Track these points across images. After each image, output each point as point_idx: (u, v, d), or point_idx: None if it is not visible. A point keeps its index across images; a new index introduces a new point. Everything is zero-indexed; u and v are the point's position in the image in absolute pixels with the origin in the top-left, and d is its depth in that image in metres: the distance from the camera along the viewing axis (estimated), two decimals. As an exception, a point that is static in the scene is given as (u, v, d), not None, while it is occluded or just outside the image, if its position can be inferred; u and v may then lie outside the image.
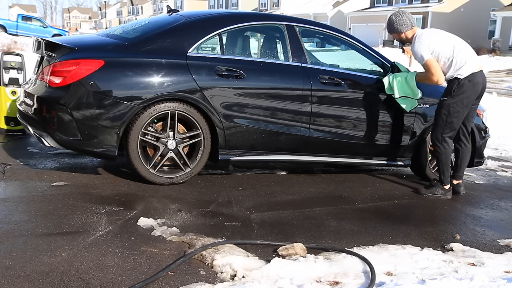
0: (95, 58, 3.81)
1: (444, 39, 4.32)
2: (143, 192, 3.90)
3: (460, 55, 4.24)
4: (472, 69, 4.25)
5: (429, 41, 4.27)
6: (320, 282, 2.68)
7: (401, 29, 4.42)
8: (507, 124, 8.24)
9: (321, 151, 4.63)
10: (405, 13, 4.48)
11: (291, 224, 3.51)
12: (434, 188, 4.53)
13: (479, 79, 4.30)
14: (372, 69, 4.87)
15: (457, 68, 4.24)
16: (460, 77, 4.23)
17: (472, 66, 4.25)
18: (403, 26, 4.41)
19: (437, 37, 4.32)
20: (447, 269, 2.96)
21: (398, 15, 4.46)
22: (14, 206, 3.43)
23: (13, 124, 5.57)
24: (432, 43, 4.26)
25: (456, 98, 4.27)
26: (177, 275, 2.62)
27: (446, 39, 4.32)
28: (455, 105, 4.28)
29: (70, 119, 3.79)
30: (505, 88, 17.12)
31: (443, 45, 4.26)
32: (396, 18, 4.45)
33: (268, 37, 4.92)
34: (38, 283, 2.42)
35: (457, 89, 4.25)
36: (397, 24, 4.43)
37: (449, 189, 4.52)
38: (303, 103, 4.40)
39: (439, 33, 4.39)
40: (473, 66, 4.27)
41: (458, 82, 4.24)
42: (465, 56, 4.25)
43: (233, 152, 4.27)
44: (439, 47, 4.25)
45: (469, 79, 4.24)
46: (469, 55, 4.28)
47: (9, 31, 27.64)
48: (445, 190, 4.50)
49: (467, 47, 4.34)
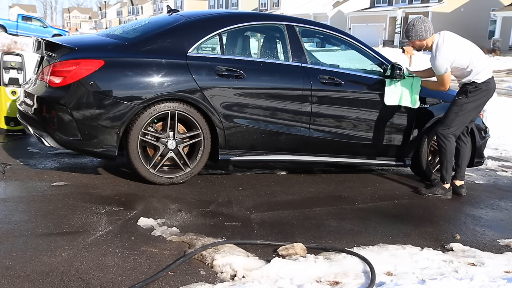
0: (95, 58, 3.81)
1: (463, 48, 4.33)
2: (143, 192, 3.90)
3: (479, 63, 4.32)
4: (487, 75, 4.37)
5: (450, 52, 4.27)
6: (320, 282, 2.68)
7: (425, 36, 4.36)
8: (507, 124, 8.23)
9: (321, 151, 4.63)
10: (427, 19, 4.46)
11: (291, 224, 3.51)
12: (434, 188, 4.54)
13: (492, 85, 4.44)
14: (372, 69, 4.87)
15: (475, 73, 4.32)
16: (477, 81, 4.33)
17: (488, 73, 4.38)
18: (426, 32, 4.36)
19: (457, 47, 4.31)
20: (447, 269, 2.96)
21: (424, 22, 4.39)
22: (14, 206, 3.43)
23: (13, 124, 5.57)
24: (452, 54, 4.27)
25: (471, 99, 4.37)
26: (177, 275, 2.62)
27: (465, 48, 4.34)
28: (468, 106, 4.38)
29: (70, 119, 3.79)
30: (505, 88, 17.12)
31: (463, 55, 4.29)
32: (421, 24, 4.37)
33: (268, 37, 4.92)
34: (38, 283, 2.42)
35: (474, 91, 4.35)
36: (421, 30, 4.35)
37: (449, 189, 4.52)
38: (303, 103, 4.40)
39: (458, 42, 4.35)
40: (489, 73, 4.39)
41: (475, 85, 4.34)
42: (483, 63, 4.34)
43: (233, 152, 4.27)
44: (459, 57, 4.29)
45: (485, 84, 4.35)
46: (485, 62, 4.39)
47: (9, 31, 27.65)
48: (446, 190, 4.50)
49: (482, 54, 4.43)
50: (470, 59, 4.30)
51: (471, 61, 4.30)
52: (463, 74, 4.37)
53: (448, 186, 4.52)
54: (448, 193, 4.50)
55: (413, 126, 4.81)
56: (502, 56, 30.33)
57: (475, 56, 4.32)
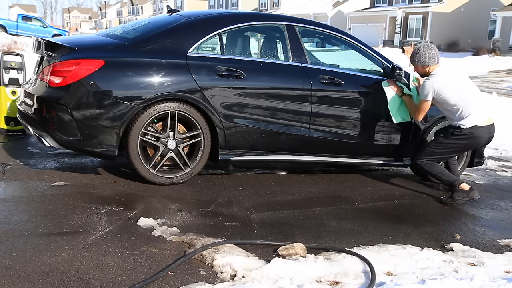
0: (95, 58, 3.81)
1: (456, 87, 4.19)
2: (143, 192, 3.90)
3: (466, 108, 4.17)
4: (476, 121, 4.20)
5: (439, 85, 4.17)
6: (320, 282, 2.68)
7: (428, 63, 4.29)
8: (507, 124, 8.22)
9: (321, 151, 4.63)
10: (434, 47, 4.37)
11: (291, 224, 3.51)
12: (454, 195, 4.31)
13: (482, 133, 4.24)
14: (372, 69, 4.87)
15: (461, 118, 4.20)
16: (462, 126, 4.22)
17: (476, 119, 4.20)
18: (431, 60, 4.28)
19: (450, 81, 4.20)
20: (447, 269, 2.96)
21: (429, 49, 4.31)
22: (14, 206, 3.43)
23: (13, 124, 5.57)
24: (441, 88, 4.17)
25: (452, 141, 4.28)
26: (177, 275, 2.62)
27: (457, 88, 4.19)
28: (447, 145, 4.32)
29: (70, 119, 3.79)
30: (505, 88, 17.11)
31: (450, 91, 4.17)
32: (426, 50, 4.29)
33: (268, 37, 4.92)
34: (38, 283, 2.42)
35: (457, 134, 4.24)
36: (426, 57, 4.27)
37: (470, 189, 4.31)
38: (303, 103, 4.40)
39: (454, 80, 4.24)
40: (478, 119, 4.20)
41: (460, 130, 4.23)
42: (470, 109, 4.17)
43: (233, 152, 4.27)
44: (445, 92, 4.17)
45: (471, 131, 4.20)
46: (475, 108, 4.19)
47: (9, 31, 27.64)
48: (466, 192, 4.29)
49: (475, 98, 4.25)
50: (457, 100, 4.17)
51: (457, 102, 4.17)
52: (449, 114, 4.28)
53: (466, 186, 4.33)
54: (472, 193, 4.28)
55: (412, 126, 4.81)
56: (502, 56, 30.32)
57: (464, 100, 4.17)
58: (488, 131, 4.28)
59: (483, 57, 30.19)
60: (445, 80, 4.20)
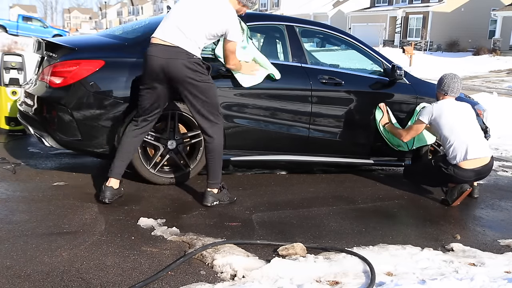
0: (96, 59, 3.81)
1: (453, 120, 4.21)
2: (143, 192, 3.90)
3: (456, 142, 4.16)
4: (461, 162, 4.15)
5: (439, 111, 4.22)
6: (320, 282, 2.68)
7: (449, 93, 4.32)
8: (508, 124, 8.23)
9: (321, 151, 4.64)
10: (450, 76, 4.37)
11: (291, 224, 3.51)
12: (448, 196, 4.30)
13: (467, 175, 4.18)
14: (372, 69, 4.88)
15: (450, 153, 4.19)
16: (451, 161, 4.20)
17: (462, 160, 4.14)
18: (453, 92, 4.32)
19: (449, 112, 4.23)
20: (447, 269, 2.96)
21: (457, 80, 4.33)
22: (14, 206, 3.43)
23: (13, 124, 5.58)
24: (439, 111, 4.22)
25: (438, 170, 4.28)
26: (177, 275, 2.63)
27: (454, 121, 4.20)
28: (433, 170, 4.34)
29: (71, 119, 3.79)
30: (506, 88, 17.11)
31: (446, 122, 4.20)
32: (451, 80, 4.32)
33: (268, 37, 4.92)
34: (39, 283, 2.42)
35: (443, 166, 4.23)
36: (450, 87, 4.30)
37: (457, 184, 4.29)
38: (303, 103, 4.40)
39: (455, 112, 4.25)
40: (464, 161, 4.14)
41: (447, 163, 4.23)
42: (461, 148, 4.14)
43: (233, 152, 4.27)
44: (441, 118, 4.22)
45: (454, 170, 4.18)
46: (466, 148, 4.13)
47: (9, 31, 27.68)
48: (456, 187, 4.24)
49: (472, 139, 4.17)
50: (450, 132, 4.17)
51: (450, 135, 4.17)
52: (443, 145, 4.29)
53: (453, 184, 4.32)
54: (461, 186, 4.22)
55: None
56: (502, 56, 30.32)
57: (456, 135, 4.15)
58: (476, 173, 4.21)
59: (484, 57, 30.18)
60: (444, 107, 4.25)
